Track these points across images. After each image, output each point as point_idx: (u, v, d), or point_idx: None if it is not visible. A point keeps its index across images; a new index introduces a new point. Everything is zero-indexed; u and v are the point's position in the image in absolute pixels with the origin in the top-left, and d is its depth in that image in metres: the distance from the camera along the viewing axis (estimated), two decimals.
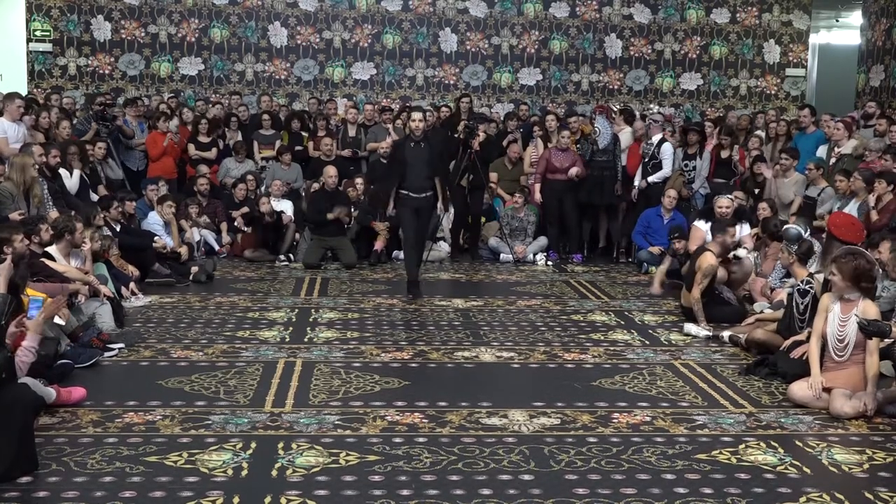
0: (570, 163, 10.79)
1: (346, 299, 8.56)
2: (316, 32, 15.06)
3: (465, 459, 4.59)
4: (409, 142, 8.68)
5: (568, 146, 10.92)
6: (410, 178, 8.50)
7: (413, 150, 8.53)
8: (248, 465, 4.47)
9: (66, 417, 5.07)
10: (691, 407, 5.54)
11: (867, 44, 14.73)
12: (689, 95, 15.73)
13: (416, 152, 8.51)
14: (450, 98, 14.64)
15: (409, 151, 8.54)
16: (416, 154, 8.50)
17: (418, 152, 8.50)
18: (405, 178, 8.53)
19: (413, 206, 8.55)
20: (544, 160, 10.93)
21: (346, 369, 6.18)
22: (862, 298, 5.58)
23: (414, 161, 8.47)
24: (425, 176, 8.51)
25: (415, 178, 8.49)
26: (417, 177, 8.49)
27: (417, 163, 8.47)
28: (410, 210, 8.56)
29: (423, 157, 8.48)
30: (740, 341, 6.97)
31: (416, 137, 8.59)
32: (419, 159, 8.47)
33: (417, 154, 8.49)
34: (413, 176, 8.49)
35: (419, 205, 8.58)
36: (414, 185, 8.50)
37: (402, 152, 8.61)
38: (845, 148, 10.04)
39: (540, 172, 10.95)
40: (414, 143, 8.57)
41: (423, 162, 8.47)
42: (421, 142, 8.55)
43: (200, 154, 11.97)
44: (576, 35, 15.49)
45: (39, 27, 14.60)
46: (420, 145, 8.53)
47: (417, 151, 8.51)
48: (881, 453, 4.84)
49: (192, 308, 8.03)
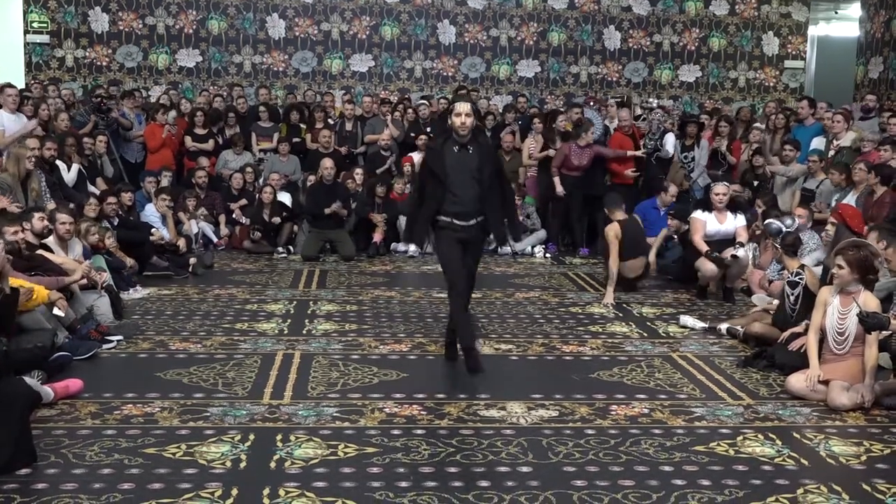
0: (588, 160, 10.70)
1: (345, 291, 8.55)
2: (314, 24, 15.04)
3: (463, 451, 4.59)
4: (449, 145, 5.94)
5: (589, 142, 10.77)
6: (454, 198, 5.86)
7: (457, 156, 5.89)
8: (246, 456, 4.47)
9: (64, 409, 5.07)
10: (689, 399, 5.55)
11: (866, 36, 14.72)
12: (687, 87, 15.72)
13: (460, 160, 5.87)
14: (448, 90, 14.62)
15: (450, 159, 5.90)
16: (461, 163, 5.87)
17: (464, 160, 5.88)
18: (444, 197, 5.89)
19: (457, 237, 5.93)
20: (562, 155, 10.78)
21: (345, 361, 6.18)
22: (862, 290, 5.58)
23: (458, 173, 5.85)
24: (475, 195, 5.86)
25: (460, 197, 5.85)
26: (464, 196, 5.85)
27: (463, 176, 5.85)
28: (453, 242, 5.92)
29: (471, 168, 5.86)
30: (738, 333, 6.98)
31: (462, 139, 5.88)
32: (466, 171, 5.86)
33: (463, 163, 5.87)
34: (458, 195, 5.85)
35: (466, 236, 5.92)
36: (459, 207, 5.84)
37: (441, 161, 5.91)
38: (844, 140, 10.04)
39: (556, 166, 10.81)
40: (459, 148, 5.90)
41: (472, 175, 5.86)
42: (468, 145, 5.90)
43: (198, 146, 11.95)
44: (574, 27, 15.47)
45: (37, 19, 14.57)
46: (467, 150, 5.89)
47: (463, 159, 5.88)
48: (879, 445, 4.85)
49: (190, 300, 8.03)
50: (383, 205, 10.87)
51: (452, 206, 5.84)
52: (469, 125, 5.85)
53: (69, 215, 7.39)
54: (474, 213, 5.87)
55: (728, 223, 8.48)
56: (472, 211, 5.86)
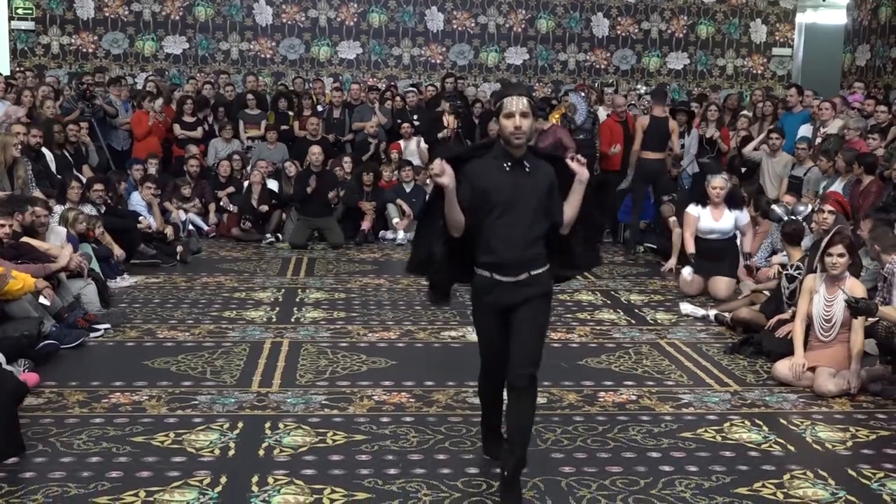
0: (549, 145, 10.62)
1: (333, 279, 8.54)
2: (301, 11, 14.95)
3: (451, 438, 4.60)
4: (493, 161, 3.88)
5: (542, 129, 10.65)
6: (497, 241, 3.83)
7: (507, 178, 3.83)
8: (235, 444, 4.47)
9: (52, 398, 5.06)
10: (677, 386, 5.57)
11: (853, 23, 14.74)
12: (675, 75, 15.72)
13: (513, 184, 3.83)
14: (436, 77, 14.58)
15: (496, 181, 3.83)
16: (513, 188, 3.82)
17: (519, 184, 3.83)
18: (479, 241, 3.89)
19: (501, 300, 3.89)
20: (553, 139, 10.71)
21: (333, 349, 6.18)
22: (848, 277, 5.61)
23: (508, 204, 3.82)
24: (532, 237, 3.86)
25: (508, 241, 3.83)
26: (514, 238, 3.83)
27: (516, 208, 3.82)
28: (492, 313, 3.95)
29: (529, 195, 3.84)
30: (726, 320, 7.01)
31: (515, 151, 3.85)
32: (520, 200, 3.83)
33: (517, 188, 3.83)
34: (505, 237, 3.83)
35: (512, 300, 3.88)
36: (503, 255, 3.83)
37: (484, 182, 3.83)
38: (831, 128, 10.06)
39: None
40: (510, 165, 3.84)
41: (530, 206, 3.84)
42: (523, 161, 3.86)
43: (186, 133, 11.90)
44: (562, 14, 15.43)
45: (21, 5, 14.44)
46: (522, 168, 3.85)
47: (517, 182, 3.83)
48: (864, 431, 4.89)
49: (178, 288, 8.00)
50: (371, 192, 10.85)
51: (492, 254, 3.83)
52: (527, 131, 3.79)
53: (44, 207, 7.30)
54: (527, 263, 3.84)
55: (725, 220, 8.05)
56: (523, 260, 3.83)
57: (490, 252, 3.85)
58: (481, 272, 3.91)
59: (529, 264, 3.87)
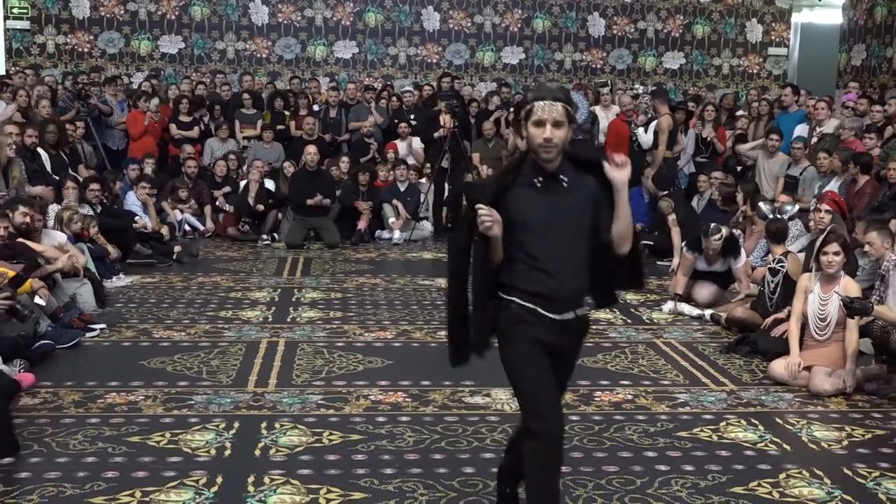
0: None
1: (329, 279, 8.54)
2: (297, 10, 14.94)
3: (448, 438, 4.60)
4: (524, 178, 3.31)
5: None
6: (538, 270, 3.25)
7: (543, 197, 3.28)
8: (231, 444, 4.47)
9: (47, 398, 5.05)
10: (673, 385, 5.58)
11: (849, 23, 14.76)
12: (671, 74, 15.73)
13: (550, 204, 3.27)
14: (432, 77, 14.58)
15: (530, 202, 3.28)
16: (552, 208, 3.27)
17: (557, 203, 3.27)
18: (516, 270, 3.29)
19: (545, 337, 3.27)
20: None
21: (329, 349, 6.17)
22: (843, 276, 5.62)
23: (547, 227, 3.26)
24: (578, 263, 3.30)
25: (551, 269, 3.25)
26: (558, 266, 3.26)
27: (558, 231, 3.26)
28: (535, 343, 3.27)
29: (571, 215, 3.28)
30: (721, 320, 7.02)
31: (548, 165, 3.27)
32: (561, 221, 3.27)
33: (556, 208, 3.27)
34: (547, 265, 3.25)
35: (558, 339, 3.30)
36: (549, 286, 3.25)
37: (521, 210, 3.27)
38: (827, 127, 10.08)
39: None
40: (542, 182, 3.29)
41: (573, 228, 3.28)
42: (559, 175, 3.29)
43: (183, 133, 11.89)
44: (559, 13, 15.43)
45: (17, 4, 14.40)
46: (560, 184, 3.28)
47: (555, 200, 3.27)
48: (860, 430, 4.89)
49: (174, 288, 7.99)
50: (367, 192, 10.85)
51: (536, 283, 3.24)
52: (558, 143, 3.21)
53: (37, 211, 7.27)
54: (570, 300, 3.28)
55: (721, 265, 7.60)
56: (572, 293, 3.28)
57: (527, 281, 3.24)
58: (517, 300, 3.25)
59: (573, 301, 3.28)
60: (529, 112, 3.24)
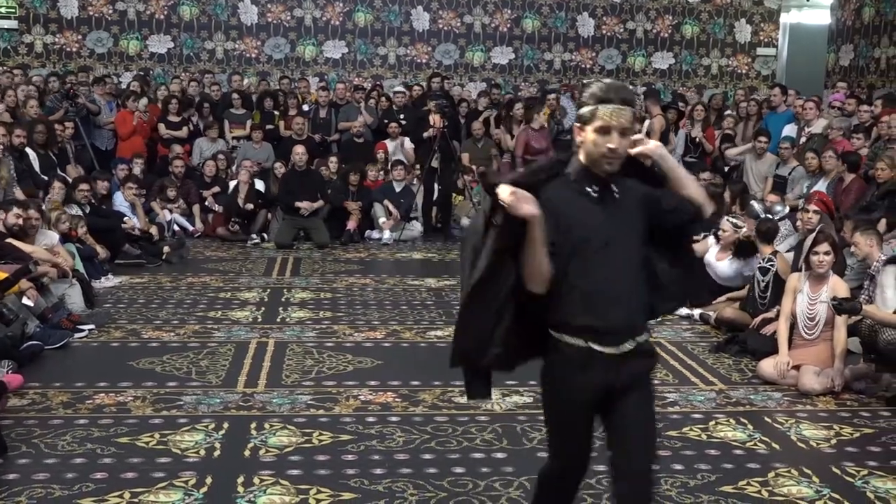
0: (547, 143, 10.73)
1: (319, 279, 8.53)
2: (287, 10, 14.91)
3: (438, 438, 4.60)
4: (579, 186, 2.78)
5: (543, 125, 10.86)
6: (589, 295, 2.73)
7: (598, 209, 2.77)
8: (220, 445, 4.46)
9: (36, 399, 5.03)
10: (662, 384, 5.58)
11: (837, 23, 14.82)
12: (660, 75, 15.76)
13: (607, 216, 2.77)
14: (422, 77, 14.57)
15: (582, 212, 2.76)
16: (609, 224, 2.76)
17: (615, 215, 2.78)
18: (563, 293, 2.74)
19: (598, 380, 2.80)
20: (522, 141, 10.83)
21: (319, 349, 6.17)
22: (832, 276, 5.65)
23: (607, 245, 2.75)
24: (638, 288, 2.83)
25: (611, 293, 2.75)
26: (618, 291, 2.77)
27: (618, 249, 2.77)
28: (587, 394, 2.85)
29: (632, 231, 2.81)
30: (710, 319, 7.03)
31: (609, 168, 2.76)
32: (622, 239, 2.78)
33: (614, 223, 2.77)
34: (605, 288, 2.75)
35: (615, 378, 2.81)
36: (602, 315, 2.74)
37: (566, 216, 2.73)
38: (815, 127, 10.12)
39: (519, 154, 10.84)
40: (598, 191, 2.78)
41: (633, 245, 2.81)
42: (612, 186, 2.79)
43: (172, 133, 11.85)
44: (548, 14, 15.44)
45: (4, 4, 14.32)
46: (612, 195, 2.79)
47: (613, 211, 2.78)
48: (848, 429, 4.92)
49: (163, 288, 7.97)
50: (357, 192, 10.83)
51: (587, 315, 2.75)
52: (623, 154, 2.76)
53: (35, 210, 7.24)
54: (632, 326, 2.84)
55: (725, 265, 7.37)
56: (628, 321, 2.83)
57: (584, 311, 2.73)
58: (570, 340, 2.76)
59: (635, 327, 2.82)
60: (592, 116, 2.72)
